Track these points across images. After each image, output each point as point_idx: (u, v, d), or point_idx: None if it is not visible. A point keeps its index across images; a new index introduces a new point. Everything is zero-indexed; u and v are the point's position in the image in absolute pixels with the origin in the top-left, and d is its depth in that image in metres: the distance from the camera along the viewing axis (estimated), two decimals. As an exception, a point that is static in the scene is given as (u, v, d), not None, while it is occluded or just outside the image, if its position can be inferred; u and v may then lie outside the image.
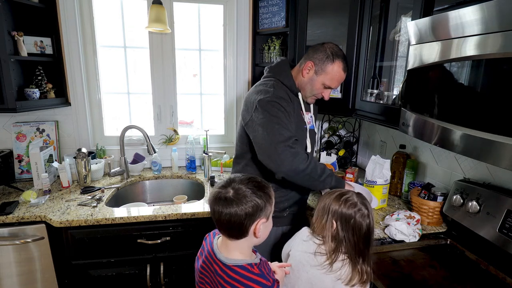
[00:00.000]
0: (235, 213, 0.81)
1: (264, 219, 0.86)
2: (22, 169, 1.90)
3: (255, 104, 1.21)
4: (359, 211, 0.96)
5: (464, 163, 1.39)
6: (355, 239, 0.95)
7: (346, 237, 0.96)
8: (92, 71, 2.03)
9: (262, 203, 0.84)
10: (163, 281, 1.56)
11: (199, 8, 2.12)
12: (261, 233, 0.87)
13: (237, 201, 0.81)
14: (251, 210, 0.82)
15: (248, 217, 0.82)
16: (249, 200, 0.82)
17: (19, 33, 1.63)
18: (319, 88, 1.31)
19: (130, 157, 2.08)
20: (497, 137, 0.79)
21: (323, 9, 1.78)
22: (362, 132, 2.23)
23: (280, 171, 1.13)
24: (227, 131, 2.33)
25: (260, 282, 0.82)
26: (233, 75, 2.18)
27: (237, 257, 0.87)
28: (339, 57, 1.26)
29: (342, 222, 0.97)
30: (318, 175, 1.19)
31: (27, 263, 1.48)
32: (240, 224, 0.82)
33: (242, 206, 0.81)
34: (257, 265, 0.87)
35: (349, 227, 0.96)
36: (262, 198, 0.84)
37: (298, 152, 1.14)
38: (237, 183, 0.85)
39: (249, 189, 0.84)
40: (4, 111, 1.61)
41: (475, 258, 1.17)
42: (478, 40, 0.82)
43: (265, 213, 0.85)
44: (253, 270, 0.85)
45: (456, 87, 0.93)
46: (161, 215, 1.49)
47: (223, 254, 0.88)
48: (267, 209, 0.86)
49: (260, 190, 0.85)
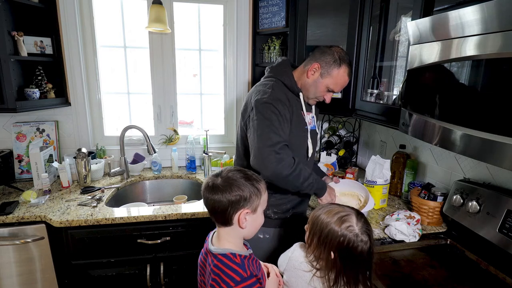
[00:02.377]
0: (219, 199, 0.85)
1: (249, 210, 0.87)
2: (22, 169, 1.90)
3: (252, 104, 1.22)
4: (361, 241, 0.89)
5: (464, 163, 1.39)
6: (355, 267, 0.90)
7: (345, 265, 0.90)
8: (92, 71, 2.03)
9: (247, 194, 0.86)
10: (163, 281, 1.56)
11: (199, 8, 2.12)
12: (247, 224, 0.89)
13: (222, 189, 0.85)
14: (234, 199, 0.85)
15: (231, 205, 0.85)
16: (234, 189, 0.85)
17: (19, 33, 1.63)
18: (322, 90, 1.30)
19: (130, 157, 2.08)
20: (497, 137, 0.79)
21: (323, 9, 1.78)
22: (362, 132, 2.23)
23: (263, 174, 1.14)
24: (227, 131, 2.33)
25: (236, 271, 0.85)
26: (233, 75, 2.18)
27: (226, 247, 0.91)
28: (345, 62, 1.26)
29: (342, 252, 0.89)
30: (300, 183, 1.20)
31: (27, 263, 1.48)
32: (223, 211, 0.86)
33: (226, 194, 0.85)
34: (241, 257, 0.89)
35: (350, 255, 0.89)
36: (249, 189, 0.87)
37: (282, 158, 1.14)
38: (228, 172, 0.89)
39: (236, 179, 0.87)
40: (4, 111, 1.61)
41: (475, 258, 1.17)
42: (478, 40, 0.82)
43: (250, 204, 0.87)
44: (235, 259, 0.87)
45: (456, 87, 0.93)
46: (161, 215, 1.49)
47: (214, 245, 0.92)
48: (253, 200, 0.88)
49: (248, 181, 0.88)
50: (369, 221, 1.41)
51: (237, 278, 0.84)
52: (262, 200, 0.91)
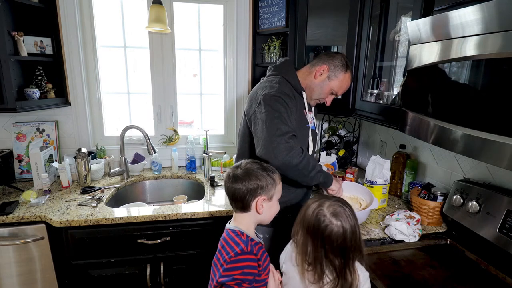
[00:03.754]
0: (238, 187, 0.96)
1: (265, 197, 0.98)
2: (22, 169, 1.90)
3: (259, 99, 1.23)
4: (330, 223, 0.87)
5: (464, 163, 1.39)
6: (333, 251, 0.88)
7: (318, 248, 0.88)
8: (92, 71, 2.03)
9: (264, 183, 0.97)
10: (163, 281, 1.55)
11: (199, 8, 2.12)
12: (264, 211, 0.99)
13: (242, 178, 0.96)
14: (252, 187, 0.96)
15: (250, 193, 0.96)
16: (252, 179, 0.96)
17: (19, 33, 1.63)
18: (326, 92, 1.35)
19: (130, 157, 2.08)
20: (497, 137, 0.79)
21: (323, 9, 1.79)
22: (362, 132, 2.23)
23: (273, 164, 1.14)
24: (227, 131, 2.33)
25: (238, 244, 0.94)
26: (233, 75, 2.18)
27: (239, 227, 1.00)
28: (350, 69, 1.34)
29: (313, 233, 0.89)
30: (308, 171, 1.21)
31: (27, 263, 1.48)
32: (242, 198, 0.97)
33: (245, 183, 0.96)
34: (249, 238, 0.97)
35: (321, 238, 0.88)
36: (265, 179, 0.98)
37: (292, 146, 1.15)
38: (246, 164, 1.01)
39: (254, 169, 0.98)
40: (4, 111, 1.61)
41: (475, 258, 1.17)
42: (478, 40, 0.82)
43: (266, 192, 0.98)
44: (241, 236, 0.96)
45: (456, 87, 0.93)
46: (161, 215, 1.49)
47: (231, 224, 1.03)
48: (269, 189, 0.98)
49: (264, 171, 0.99)
50: (369, 221, 1.42)
51: (237, 250, 0.92)
52: (277, 189, 1.01)
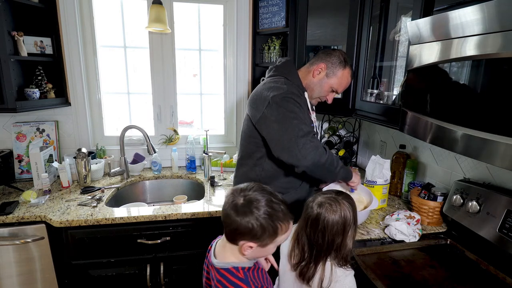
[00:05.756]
0: (233, 218, 0.81)
1: (254, 244, 0.82)
2: (22, 169, 1.90)
3: (268, 101, 1.20)
4: (311, 208, 0.96)
5: (464, 163, 1.39)
6: (317, 239, 0.94)
7: (306, 232, 0.96)
8: (92, 71, 2.03)
9: (258, 230, 0.79)
10: (163, 281, 1.56)
11: (199, 8, 2.12)
12: (250, 253, 0.84)
13: (239, 211, 0.80)
14: (242, 227, 0.80)
15: (239, 230, 0.81)
16: (249, 216, 0.79)
17: (19, 33, 1.63)
18: (327, 90, 1.34)
19: (130, 157, 2.08)
20: (497, 137, 0.79)
21: (323, 9, 1.79)
22: (362, 132, 2.23)
23: (302, 165, 1.14)
24: (227, 131, 2.33)
25: (240, 287, 0.83)
26: (233, 75, 2.18)
27: (229, 259, 0.87)
28: (349, 65, 1.33)
29: (304, 220, 0.97)
30: (334, 167, 1.23)
31: (27, 263, 1.48)
32: (232, 230, 0.82)
33: (239, 217, 0.80)
34: (244, 270, 0.85)
35: (307, 222, 0.96)
36: (263, 226, 0.79)
37: (317, 146, 1.16)
38: (253, 192, 0.83)
39: (258, 207, 0.80)
40: (4, 111, 1.61)
41: (475, 258, 1.16)
42: (478, 40, 0.82)
43: (258, 240, 0.81)
44: (238, 274, 0.84)
45: (456, 87, 0.93)
46: (161, 215, 1.49)
47: (217, 256, 0.90)
48: (263, 239, 0.81)
49: (268, 216, 0.80)
50: (369, 221, 1.42)
51: None
52: (277, 239, 0.84)
